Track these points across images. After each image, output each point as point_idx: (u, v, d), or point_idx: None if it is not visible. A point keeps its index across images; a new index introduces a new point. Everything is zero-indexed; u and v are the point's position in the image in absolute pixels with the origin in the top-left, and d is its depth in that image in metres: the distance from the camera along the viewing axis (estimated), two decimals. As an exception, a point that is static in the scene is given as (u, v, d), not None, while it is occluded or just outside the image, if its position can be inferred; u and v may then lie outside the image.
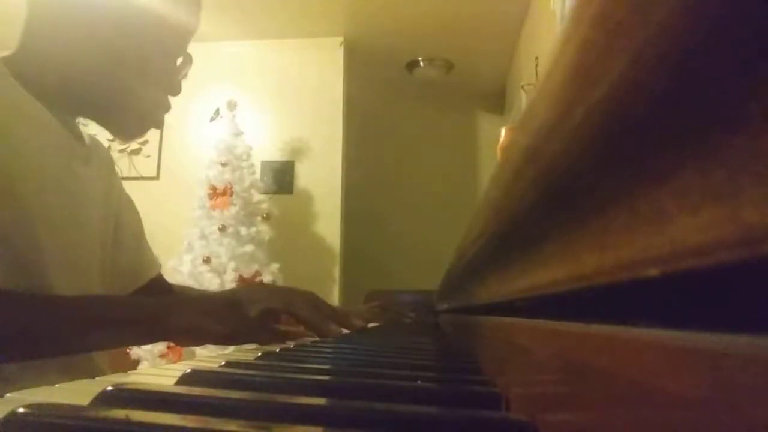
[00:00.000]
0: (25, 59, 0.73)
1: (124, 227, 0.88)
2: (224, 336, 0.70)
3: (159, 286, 0.93)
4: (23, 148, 0.68)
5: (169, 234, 2.77)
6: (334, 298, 3.12)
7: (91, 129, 0.88)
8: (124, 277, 0.86)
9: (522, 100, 2.65)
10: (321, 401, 0.27)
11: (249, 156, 2.96)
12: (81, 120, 0.82)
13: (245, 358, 0.48)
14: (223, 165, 2.87)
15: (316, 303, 0.79)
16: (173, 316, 0.68)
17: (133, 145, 3.33)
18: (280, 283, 2.78)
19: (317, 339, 0.76)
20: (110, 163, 0.90)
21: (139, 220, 0.95)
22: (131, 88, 0.76)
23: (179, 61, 0.81)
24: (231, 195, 2.83)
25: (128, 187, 0.97)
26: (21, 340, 0.58)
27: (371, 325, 1.28)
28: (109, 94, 0.75)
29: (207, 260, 2.69)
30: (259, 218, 2.94)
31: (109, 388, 0.25)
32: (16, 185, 0.65)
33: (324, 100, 3.33)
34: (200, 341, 0.78)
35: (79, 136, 0.80)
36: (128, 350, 2.48)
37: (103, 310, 0.66)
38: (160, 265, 0.96)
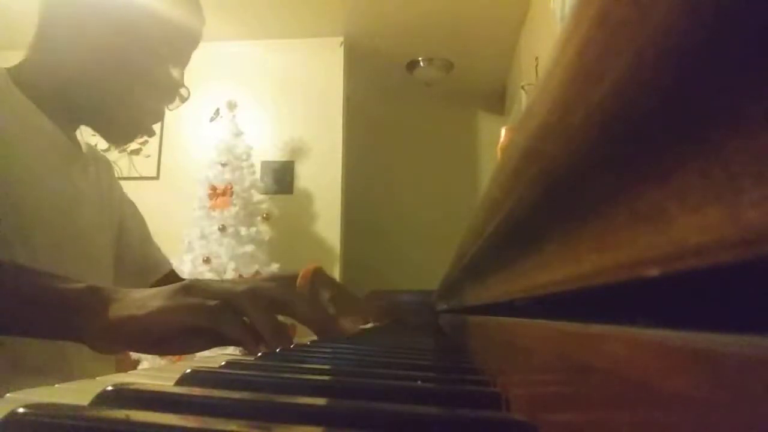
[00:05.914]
0: (30, 68, 0.74)
1: (128, 232, 0.90)
2: (157, 339, 0.52)
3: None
4: (21, 154, 0.68)
5: (169, 234, 2.76)
6: (334, 298, 3.12)
7: (92, 139, 0.90)
8: (129, 278, 0.87)
9: (522, 100, 2.65)
10: (321, 401, 0.27)
11: (249, 156, 2.96)
12: (87, 130, 0.83)
13: (245, 358, 0.48)
14: (223, 165, 2.87)
15: (284, 299, 0.58)
16: (89, 311, 0.51)
17: (133, 145, 3.33)
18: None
19: (316, 339, 0.69)
20: (110, 171, 0.92)
21: (144, 223, 0.97)
22: (128, 95, 0.77)
23: (177, 72, 0.81)
24: (231, 195, 2.83)
25: (128, 187, 0.99)
26: None
27: (369, 325, 1.28)
28: (105, 99, 0.76)
29: (207, 260, 2.69)
30: (259, 218, 2.95)
31: (109, 388, 0.25)
32: (13, 190, 0.66)
33: (324, 100, 3.32)
34: (120, 346, 0.55)
35: (78, 145, 0.81)
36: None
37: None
38: (170, 264, 0.98)
